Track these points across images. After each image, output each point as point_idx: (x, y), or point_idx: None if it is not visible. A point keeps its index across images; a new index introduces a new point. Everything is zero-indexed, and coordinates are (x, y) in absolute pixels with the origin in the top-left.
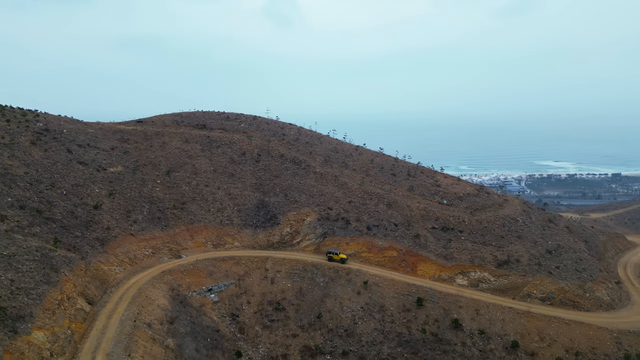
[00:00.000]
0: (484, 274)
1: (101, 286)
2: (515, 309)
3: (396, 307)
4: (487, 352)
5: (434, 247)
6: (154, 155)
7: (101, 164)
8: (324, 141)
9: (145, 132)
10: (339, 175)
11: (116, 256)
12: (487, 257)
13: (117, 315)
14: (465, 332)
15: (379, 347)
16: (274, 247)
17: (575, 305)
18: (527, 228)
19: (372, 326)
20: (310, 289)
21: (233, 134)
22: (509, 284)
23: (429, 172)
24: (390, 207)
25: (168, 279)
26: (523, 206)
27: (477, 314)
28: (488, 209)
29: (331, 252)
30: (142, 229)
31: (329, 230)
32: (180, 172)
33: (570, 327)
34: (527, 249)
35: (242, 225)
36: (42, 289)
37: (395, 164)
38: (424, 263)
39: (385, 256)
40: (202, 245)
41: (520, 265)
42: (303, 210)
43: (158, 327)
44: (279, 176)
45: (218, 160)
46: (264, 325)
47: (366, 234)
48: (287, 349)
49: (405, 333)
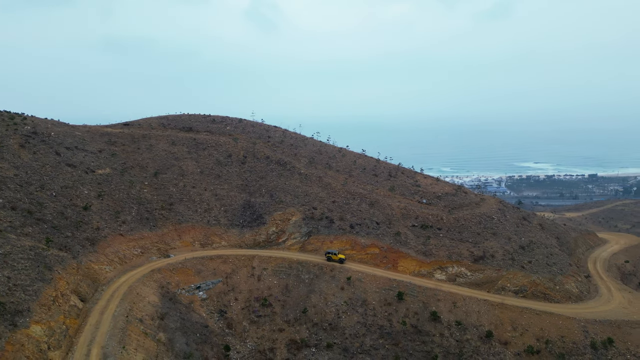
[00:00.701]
0: (460, 269)
1: (92, 284)
2: (490, 301)
3: (378, 301)
4: (464, 342)
5: (414, 244)
6: (141, 157)
7: (89, 166)
8: (308, 143)
9: (132, 134)
10: (323, 176)
11: (106, 255)
12: (464, 253)
13: (109, 311)
14: (443, 324)
15: (361, 339)
16: (261, 246)
17: (546, 297)
18: (501, 225)
19: (355, 319)
20: (295, 286)
21: (219, 137)
22: (484, 278)
23: (409, 173)
24: (372, 207)
25: (158, 277)
26: (498, 205)
27: (454, 306)
28: (465, 207)
29: (330, 252)
30: (131, 229)
31: (314, 229)
32: (167, 174)
33: (541, 318)
34: (501, 245)
35: (229, 225)
36: (38, 286)
37: (377, 165)
38: (404, 259)
39: (368, 253)
40: (189, 245)
41: (495, 260)
42: (288, 210)
43: (149, 323)
44: (265, 177)
45: (204, 162)
46: (251, 321)
47: (349, 232)
48: (273, 343)
49: (386, 325)
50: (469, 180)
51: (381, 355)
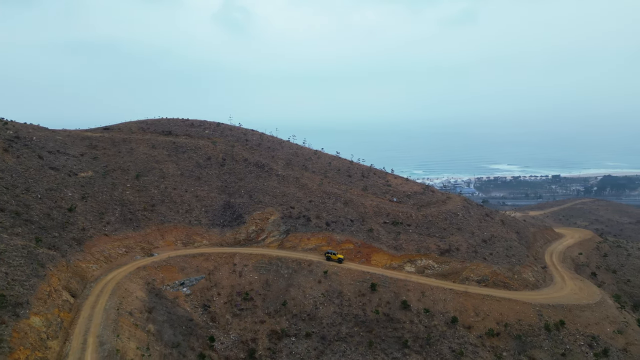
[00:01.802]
0: (428, 262)
1: (81, 281)
2: (455, 290)
3: (353, 293)
4: (431, 327)
5: (386, 239)
6: (122, 160)
7: (72, 169)
8: (285, 146)
9: (113, 138)
10: (299, 177)
11: (92, 255)
12: (432, 246)
13: (100, 305)
14: (412, 312)
15: (338, 327)
16: (241, 244)
17: (506, 285)
18: (466, 221)
19: (332, 310)
20: (275, 280)
21: (198, 140)
22: (450, 270)
23: (381, 174)
24: (347, 205)
25: (143, 274)
26: (463, 202)
27: (422, 295)
28: (432, 205)
29: (329, 252)
30: (115, 230)
31: (292, 227)
32: (148, 176)
33: (501, 304)
34: (465, 239)
35: (210, 225)
36: (33, 281)
37: (351, 166)
38: (377, 254)
39: (343, 249)
40: (172, 244)
41: (459, 253)
42: (267, 210)
43: (138, 315)
44: (244, 179)
45: (184, 164)
46: (233, 314)
47: (325, 229)
48: (255, 334)
49: (361, 314)
50: (439, 182)
51: (356, 342)
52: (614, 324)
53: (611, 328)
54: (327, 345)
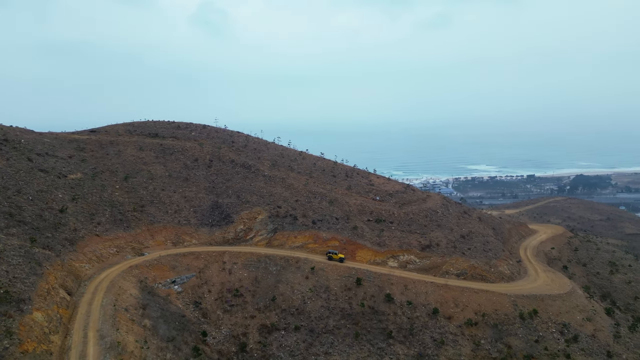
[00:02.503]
0: (410, 257)
1: (76, 280)
2: (435, 283)
3: (339, 287)
4: (414, 318)
5: (370, 236)
6: (110, 162)
7: (61, 171)
8: (271, 147)
9: (100, 141)
10: (285, 177)
11: (85, 254)
12: (413, 242)
13: (97, 302)
14: (396, 304)
15: (325, 321)
16: (230, 242)
17: (483, 278)
18: (445, 218)
19: (320, 304)
20: (264, 277)
21: (185, 142)
22: (430, 264)
23: (364, 174)
24: (332, 204)
25: (136, 272)
26: (442, 200)
27: (405, 289)
28: (413, 203)
29: (331, 252)
30: (106, 230)
31: (279, 226)
32: (137, 178)
33: (479, 295)
34: (445, 235)
35: (199, 225)
36: (33, 279)
37: (335, 167)
38: (361, 250)
39: (329, 246)
40: (162, 244)
41: (439, 249)
42: (255, 209)
43: (134, 312)
44: (231, 179)
45: (172, 166)
46: (224, 310)
47: (312, 227)
48: (246, 328)
49: (347, 308)
50: (418, 182)
51: (343, 333)
52: (583, 312)
53: (581, 316)
54: (316, 338)
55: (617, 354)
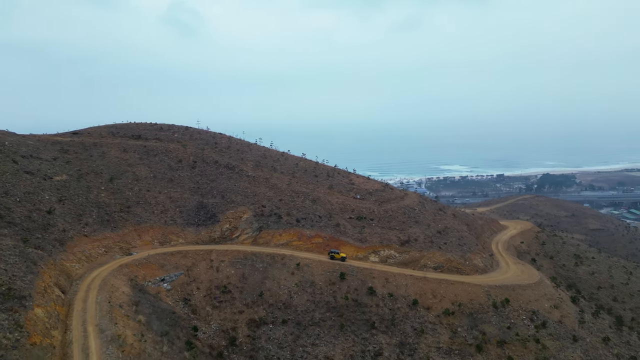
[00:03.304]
0: (390, 252)
1: (68, 279)
2: (415, 276)
3: (324, 282)
4: (395, 309)
5: (352, 233)
6: (95, 164)
7: (47, 173)
8: (253, 148)
9: (84, 143)
10: (269, 177)
11: (74, 254)
12: (393, 238)
13: (91, 299)
14: (378, 296)
15: (311, 314)
16: (216, 241)
17: (459, 270)
18: (422, 215)
19: (305, 298)
20: (251, 274)
21: (168, 143)
22: (409, 258)
23: (344, 173)
24: (315, 203)
25: (126, 271)
26: (419, 198)
27: (386, 282)
28: (392, 201)
29: (333, 252)
30: (94, 231)
31: (264, 224)
32: (122, 179)
33: (455, 286)
34: (422, 231)
35: (185, 224)
36: (30, 277)
37: (317, 167)
38: (344, 246)
39: (313, 243)
40: (149, 244)
41: (417, 243)
42: (240, 209)
43: (127, 308)
44: (215, 180)
45: (156, 167)
46: (213, 306)
47: (296, 225)
48: (235, 323)
49: (332, 301)
50: (392, 182)
51: (329, 325)
52: (551, 300)
53: (548, 304)
54: (303, 330)
55: (582, 337)
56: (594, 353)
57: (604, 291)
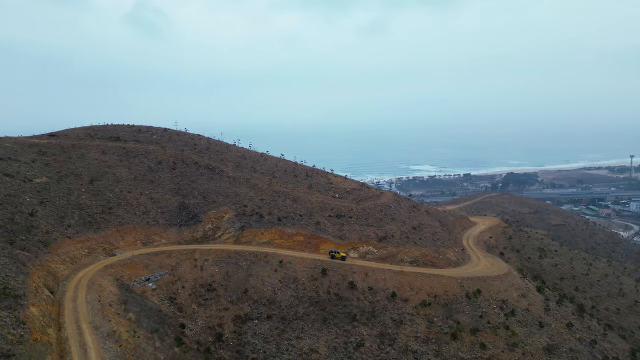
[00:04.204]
0: (369, 248)
1: (55, 280)
2: (392, 270)
3: (306, 278)
4: (375, 302)
5: (331, 230)
6: (74, 166)
7: (26, 175)
8: (232, 149)
9: (62, 145)
10: (249, 178)
11: (59, 256)
12: (371, 235)
13: (81, 299)
14: (358, 290)
15: (295, 308)
16: (198, 241)
17: (433, 264)
18: (397, 212)
19: (289, 294)
20: (235, 272)
21: (147, 145)
22: (387, 253)
23: (323, 173)
24: (295, 202)
25: (111, 271)
26: (394, 197)
27: (366, 276)
28: (369, 199)
29: (333, 251)
30: (77, 232)
31: (246, 224)
32: (102, 181)
33: (430, 279)
34: (398, 227)
35: (167, 225)
36: (22, 277)
37: (296, 167)
38: (324, 243)
39: (294, 241)
40: (132, 244)
41: (394, 239)
42: (222, 209)
43: (117, 307)
44: (196, 181)
45: (137, 169)
46: (199, 304)
47: (277, 224)
48: (221, 320)
49: (314, 296)
50: None
51: (312, 319)
52: (519, 290)
53: (516, 293)
54: (287, 324)
55: (547, 324)
56: (558, 338)
57: (566, 281)
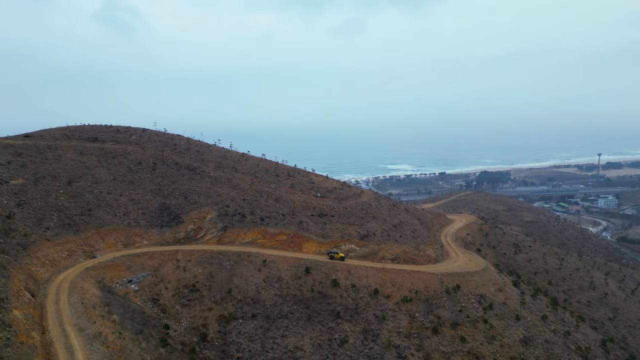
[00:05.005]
0: (351, 246)
1: (35, 283)
2: (374, 268)
3: (290, 276)
4: (358, 299)
5: (314, 229)
6: (51, 167)
7: (2, 177)
8: (213, 149)
9: (38, 146)
10: (231, 178)
11: (38, 259)
12: (353, 233)
13: (63, 301)
14: (342, 288)
15: (280, 307)
16: (181, 242)
17: (414, 261)
18: (378, 210)
19: (273, 293)
20: (218, 272)
21: (126, 146)
22: (369, 251)
23: (304, 173)
24: (278, 201)
25: (93, 273)
26: (374, 195)
27: (349, 274)
28: (350, 198)
29: (332, 252)
30: (56, 235)
31: (229, 224)
32: (80, 182)
33: (411, 275)
34: (379, 225)
35: (149, 226)
36: (3, 281)
37: (277, 167)
38: (307, 242)
39: (277, 240)
40: (113, 246)
41: (376, 237)
42: (204, 209)
43: (100, 309)
44: (177, 181)
45: (116, 169)
46: (182, 305)
47: (260, 224)
48: (205, 320)
49: (298, 294)
50: None
51: (296, 317)
52: (496, 284)
53: (494, 288)
54: (272, 323)
55: (524, 317)
56: (534, 330)
57: (540, 275)
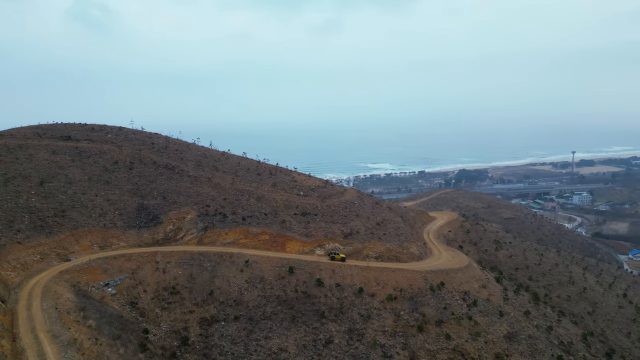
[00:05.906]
0: (335, 244)
1: (5, 288)
2: (359, 266)
3: (273, 277)
4: (343, 298)
5: (297, 228)
6: (22, 167)
7: None
8: (192, 148)
9: (7, 145)
10: (211, 177)
11: (9, 263)
12: (336, 231)
13: (36, 307)
14: (326, 287)
15: (263, 308)
16: (160, 243)
17: (398, 258)
18: (361, 209)
19: (256, 294)
20: (199, 273)
21: (102, 144)
22: (353, 249)
23: (286, 171)
24: (260, 201)
25: (67, 277)
26: (357, 194)
27: (333, 273)
28: (333, 196)
29: (332, 252)
30: (28, 237)
31: (210, 224)
32: (53, 183)
33: (396, 273)
34: (363, 223)
35: (126, 227)
36: None
37: (259, 165)
38: (290, 242)
39: (260, 240)
40: (88, 248)
41: (359, 235)
42: (183, 209)
43: (75, 314)
44: (155, 181)
45: (91, 169)
46: (162, 308)
47: (242, 223)
48: (186, 323)
49: (282, 295)
50: None
51: (280, 318)
52: (479, 281)
53: (477, 284)
54: (255, 325)
55: (507, 312)
56: (517, 325)
57: (521, 271)
